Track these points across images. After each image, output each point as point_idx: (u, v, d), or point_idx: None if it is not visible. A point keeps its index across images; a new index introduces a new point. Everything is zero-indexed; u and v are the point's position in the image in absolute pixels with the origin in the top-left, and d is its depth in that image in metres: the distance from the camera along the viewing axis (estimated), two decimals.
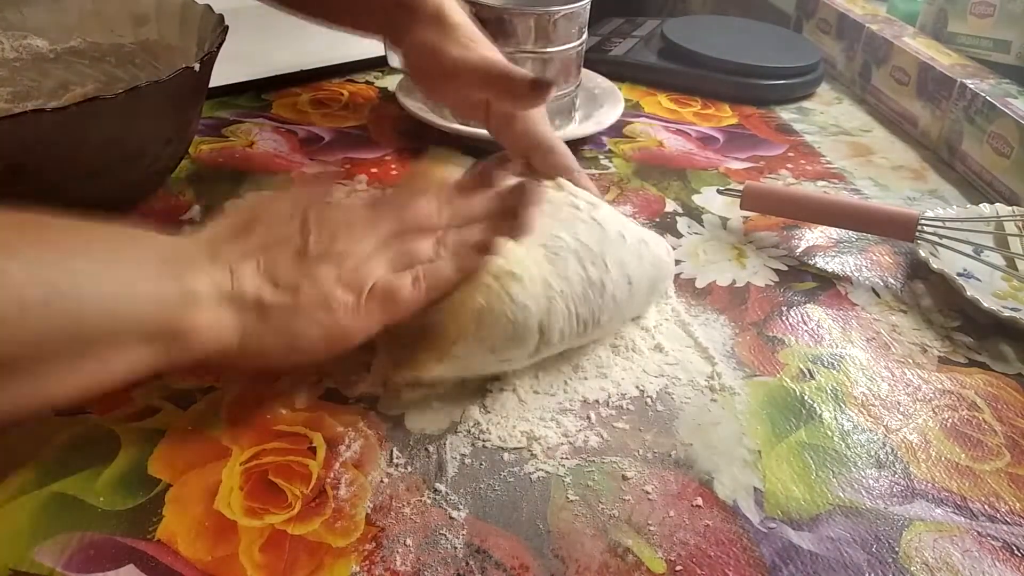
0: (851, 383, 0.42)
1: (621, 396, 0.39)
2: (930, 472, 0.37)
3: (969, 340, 0.45)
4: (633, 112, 0.71)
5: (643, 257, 0.41)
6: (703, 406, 0.39)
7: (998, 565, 0.33)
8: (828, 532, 0.33)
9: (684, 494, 0.35)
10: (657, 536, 0.33)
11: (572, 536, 0.33)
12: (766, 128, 0.70)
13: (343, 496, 0.34)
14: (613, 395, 0.39)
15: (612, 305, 0.39)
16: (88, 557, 0.31)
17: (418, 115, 0.62)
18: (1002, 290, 0.49)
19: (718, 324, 0.45)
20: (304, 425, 0.37)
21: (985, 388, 0.42)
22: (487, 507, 0.34)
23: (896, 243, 0.53)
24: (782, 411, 0.39)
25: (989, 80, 0.64)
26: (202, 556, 0.31)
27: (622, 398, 0.39)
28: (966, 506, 0.35)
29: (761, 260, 0.51)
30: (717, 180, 0.61)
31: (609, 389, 0.40)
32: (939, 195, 0.61)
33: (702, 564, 0.32)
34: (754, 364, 0.42)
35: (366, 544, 0.32)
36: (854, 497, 0.35)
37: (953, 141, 0.65)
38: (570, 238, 0.38)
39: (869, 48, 0.76)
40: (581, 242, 0.39)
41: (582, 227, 0.39)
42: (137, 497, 0.33)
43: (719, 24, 0.86)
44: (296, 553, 0.31)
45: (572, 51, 0.61)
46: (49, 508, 0.32)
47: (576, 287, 0.38)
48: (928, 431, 0.39)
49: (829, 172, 0.63)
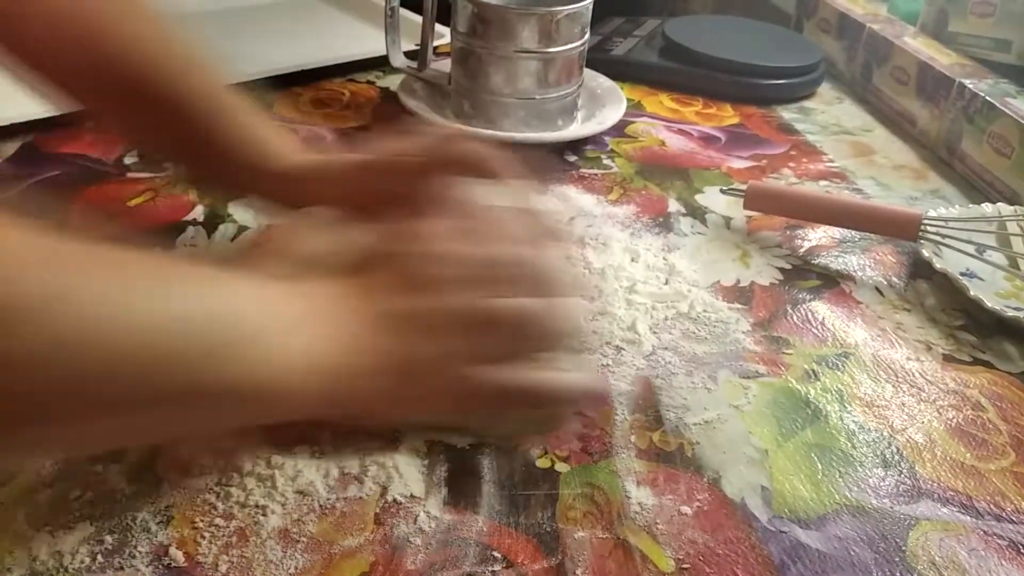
0: (856, 383, 0.42)
1: (622, 395, 0.40)
2: (936, 472, 0.37)
3: (973, 339, 0.45)
4: (635, 112, 0.71)
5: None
6: (709, 406, 0.39)
7: (1004, 564, 0.33)
8: (836, 531, 0.34)
9: (692, 492, 0.35)
10: (665, 535, 0.33)
11: (581, 535, 0.33)
12: (768, 127, 0.70)
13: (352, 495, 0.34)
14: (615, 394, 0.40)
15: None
16: (95, 555, 0.30)
17: (420, 115, 0.62)
18: (1005, 290, 0.49)
19: (723, 323, 0.45)
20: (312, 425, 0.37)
21: (990, 387, 0.42)
22: (496, 506, 0.34)
23: (899, 242, 0.54)
24: (788, 412, 0.39)
25: (987, 80, 0.64)
26: (212, 558, 0.31)
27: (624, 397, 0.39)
28: (972, 505, 0.35)
29: (765, 259, 0.52)
30: (719, 180, 0.61)
31: (613, 387, 0.40)
32: (941, 195, 0.61)
33: (710, 562, 0.32)
34: (759, 364, 0.42)
35: (376, 544, 0.32)
36: (861, 496, 0.35)
37: (952, 141, 0.65)
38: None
39: (870, 48, 0.76)
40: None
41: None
42: (145, 496, 0.33)
43: (720, 24, 0.86)
44: (306, 552, 0.31)
45: (574, 51, 0.61)
46: (51, 507, 0.32)
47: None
48: (933, 431, 0.39)
49: (831, 171, 0.63)
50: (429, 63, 0.65)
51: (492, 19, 0.58)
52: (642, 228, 0.54)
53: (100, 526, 0.32)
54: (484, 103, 0.61)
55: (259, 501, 0.33)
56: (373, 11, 0.80)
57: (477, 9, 0.59)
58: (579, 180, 0.59)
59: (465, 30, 0.60)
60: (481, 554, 0.32)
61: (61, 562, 0.30)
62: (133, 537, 0.31)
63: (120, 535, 0.31)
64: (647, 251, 0.51)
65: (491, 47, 0.59)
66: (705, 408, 0.39)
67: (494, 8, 0.58)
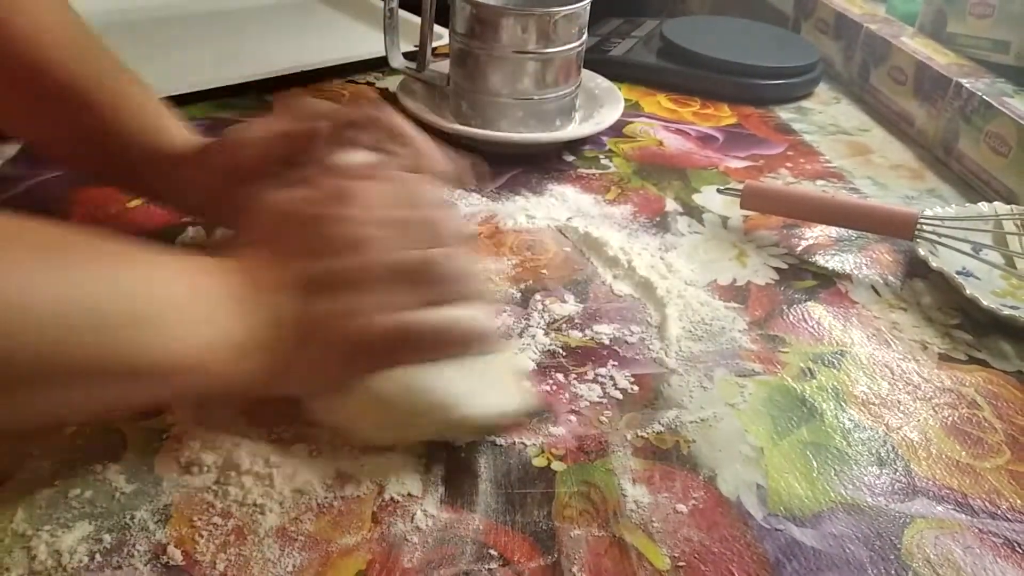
0: (852, 381, 0.42)
1: (623, 394, 0.40)
2: (931, 470, 0.37)
3: (969, 337, 0.45)
4: (633, 112, 0.71)
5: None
6: (705, 404, 0.39)
7: (999, 561, 0.33)
8: (831, 529, 0.34)
9: (688, 490, 0.35)
10: (661, 532, 0.33)
11: (577, 533, 0.33)
12: (765, 128, 0.70)
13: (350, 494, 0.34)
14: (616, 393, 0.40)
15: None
16: (93, 553, 0.31)
17: (419, 116, 0.62)
18: (1001, 288, 0.49)
19: (720, 322, 0.45)
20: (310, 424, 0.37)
21: (985, 386, 0.42)
22: (492, 504, 0.34)
23: (896, 241, 0.54)
24: (783, 410, 0.40)
25: (985, 79, 0.64)
26: (210, 556, 0.31)
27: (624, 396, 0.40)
28: (967, 503, 0.35)
29: (761, 259, 0.52)
30: (717, 179, 0.61)
31: (610, 386, 0.40)
32: (937, 194, 0.61)
33: (706, 560, 0.32)
34: (755, 362, 0.42)
35: (373, 542, 0.32)
36: (856, 494, 0.35)
37: (949, 140, 0.65)
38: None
39: (867, 48, 0.76)
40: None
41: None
42: (143, 495, 0.33)
43: (718, 24, 0.87)
44: (304, 551, 0.31)
45: (572, 51, 0.61)
46: (50, 506, 0.32)
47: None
48: (929, 429, 0.39)
49: (828, 171, 0.63)
50: (428, 64, 0.65)
51: (490, 20, 0.58)
52: (639, 228, 0.54)
53: (99, 525, 0.32)
54: (482, 104, 0.62)
55: (257, 500, 0.33)
56: (372, 12, 0.80)
57: (475, 10, 0.59)
58: (577, 180, 0.60)
59: (463, 31, 0.60)
60: (478, 552, 0.32)
61: (59, 561, 0.30)
62: (131, 536, 0.31)
63: (118, 534, 0.31)
64: (644, 250, 0.51)
65: (489, 48, 0.59)
66: (701, 406, 0.39)
67: (492, 9, 0.59)
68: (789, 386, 0.41)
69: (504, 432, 0.37)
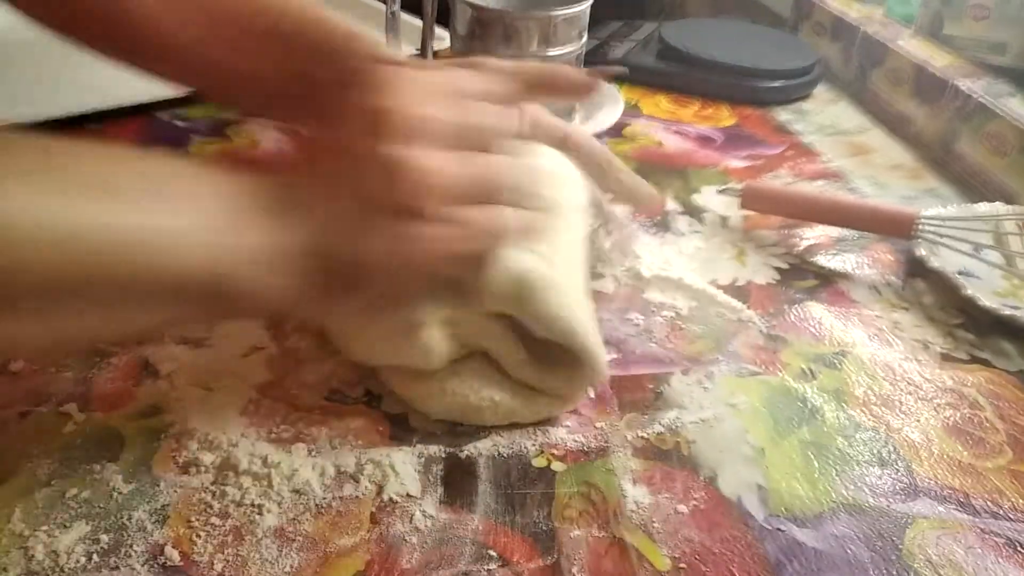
0: (853, 382, 0.42)
1: (623, 394, 0.39)
2: (932, 470, 0.37)
3: (971, 337, 0.45)
4: (632, 113, 0.71)
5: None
6: (705, 404, 0.39)
7: (1001, 561, 0.33)
8: (832, 529, 0.34)
9: (688, 491, 0.35)
10: (661, 533, 0.33)
11: (577, 533, 0.33)
12: (764, 128, 0.70)
13: (348, 494, 0.34)
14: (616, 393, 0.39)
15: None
16: (91, 554, 0.30)
17: None
18: (1002, 288, 0.49)
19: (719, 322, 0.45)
20: (309, 424, 0.37)
21: (987, 386, 0.42)
22: (492, 505, 0.34)
23: (896, 241, 0.54)
24: (784, 410, 0.39)
25: (983, 80, 0.64)
26: (208, 557, 0.31)
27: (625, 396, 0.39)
28: (969, 503, 0.35)
29: (761, 259, 0.52)
30: (717, 179, 0.61)
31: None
32: (936, 194, 0.61)
33: (707, 561, 0.32)
34: (756, 363, 0.42)
35: (371, 543, 0.32)
36: (857, 495, 0.35)
37: (948, 141, 0.65)
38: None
39: (865, 50, 0.76)
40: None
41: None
42: (141, 495, 0.33)
43: (716, 27, 0.87)
44: (302, 551, 0.31)
45: (572, 54, 0.61)
46: (48, 506, 0.32)
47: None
48: (930, 429, 0.39)
49: (827, 171, 0.63)
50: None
51: (491, 22, 0.58)
52: (639, 227, 0.54)
53: (96, 525, 0.32)
54: None
55: (255, 500, 0.33)
56: (373, 14, 0.80)
57: (476, 12, 0.59)
58: None
59: (464, 33, 0.60)
60: (477, 553, 0.32)
61: (57, 561, 0.30)
62: (129, 536, 0.31)
63: (116, 534, 0.31)
64: (644, 250, 0.51)
65: (490, 50, 0.59)
66: (702, 407, 0.39)
67: (493, 11, 0.59)
68: (790, 386, 0.41)
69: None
